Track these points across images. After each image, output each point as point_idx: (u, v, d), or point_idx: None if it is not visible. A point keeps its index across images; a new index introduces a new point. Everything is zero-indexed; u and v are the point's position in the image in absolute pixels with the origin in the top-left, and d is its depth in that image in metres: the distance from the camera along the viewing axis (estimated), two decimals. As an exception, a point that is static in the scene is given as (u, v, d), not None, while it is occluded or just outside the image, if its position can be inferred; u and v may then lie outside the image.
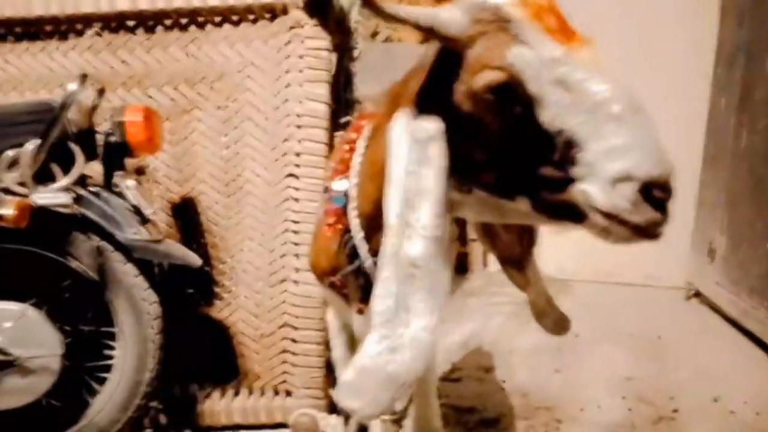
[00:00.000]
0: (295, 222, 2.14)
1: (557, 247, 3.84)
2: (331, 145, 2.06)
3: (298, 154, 2.12)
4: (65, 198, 1.74)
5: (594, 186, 0.74)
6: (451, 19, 0.82)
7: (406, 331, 0.87)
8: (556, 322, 1.31)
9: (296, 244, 2.15)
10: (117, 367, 1.92)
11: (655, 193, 0.73)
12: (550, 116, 0.77)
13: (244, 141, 2.16)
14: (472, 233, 4.09)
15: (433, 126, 0.87)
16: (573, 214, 0.80)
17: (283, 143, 2.13)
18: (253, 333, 2.22)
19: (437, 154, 0.86)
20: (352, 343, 1.48)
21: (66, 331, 1.88)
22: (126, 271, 1.89)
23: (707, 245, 3.09)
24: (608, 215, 0.75)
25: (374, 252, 1.11)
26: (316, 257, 1.30)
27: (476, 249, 4.13)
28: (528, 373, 2.58)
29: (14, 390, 1.80)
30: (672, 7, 3.21)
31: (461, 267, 4.10)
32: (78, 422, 1.91)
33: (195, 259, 1.96)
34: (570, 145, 0.76)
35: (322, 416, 2.10)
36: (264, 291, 2.20)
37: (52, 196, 1.73)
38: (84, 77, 1.76)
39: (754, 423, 2.15)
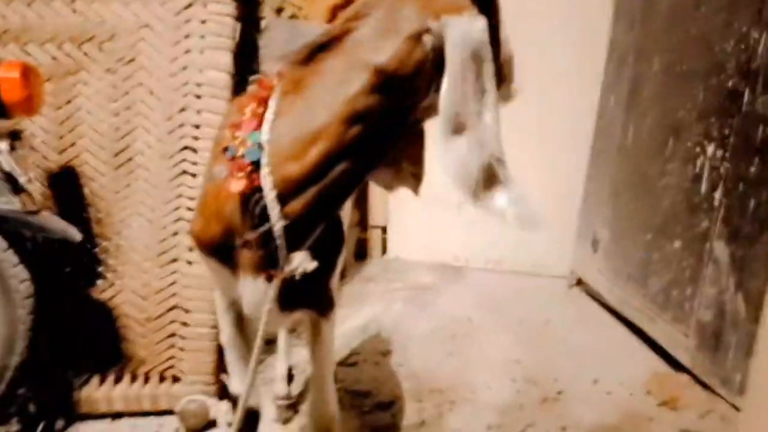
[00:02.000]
0: (191, 198, 2.02)
1: (451, 236, 3.97)
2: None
3: (196, 126, 2.00)
4: None
5: None
6: None
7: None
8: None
9: (191, 221, 2.03)
10: (-21, 350, 1.73)
11: None
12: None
13: (135, 109, 2.01)
14: (371, 219, 4.10)
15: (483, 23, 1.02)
16: None
17: (180, 113, 2.01)
18: (139, 316, 2.08)
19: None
20: (240, 323, 1.40)
21: None
22: (-6, 245, 1.70)
23: (591, 236, 3.27)
24: None
25: (286, 215, 1.07)
26: (206, 223, 1.21)
27: (375, 235, 4.14)
28: (422, 357, 2.62)
29: None
30: (566, 9, 3.37)
31: (360, 253, 4.11)
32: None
33: (74, 234, 1.81)
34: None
35: (212, 402, 2.01)
36: (152, 271, 2.06)
37: None
38: (-52, 23, 1.56)
39: (628, 402, 2.31)
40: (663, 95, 2.69)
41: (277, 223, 1.08)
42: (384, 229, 4.17)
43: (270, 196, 1.07)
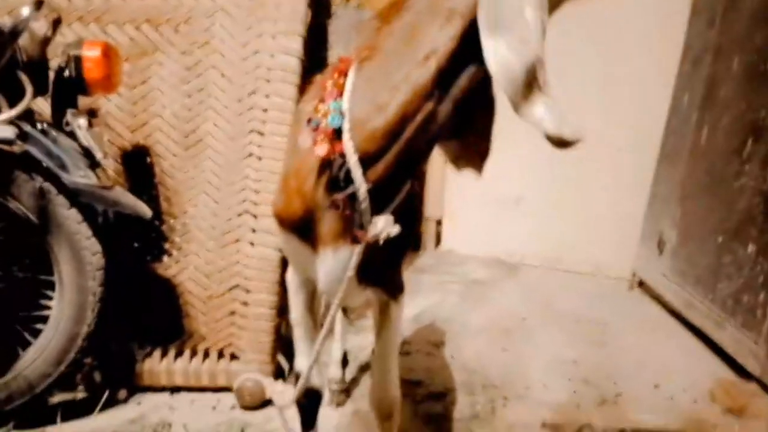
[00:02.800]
0: (256, 180, 2.06)
1: (507, 231, 3.92)
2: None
3: (264, 110, 2.03)
4: (9, 132, 1.60)
5: None
6: None
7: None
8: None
9: (255, 203, 2.07)
10: (53, 318, 1.81)
11: None
12: None
13: (207, 90, 2.05)
14: (427, 211, 4.09)
15: None
16: None
17: (249, 97, 2.04)
18: (202, 293, 2.13)
19: None
20: (311, 303, 1.42)
21: (-1, 276, 1.76)
22: (69, 217, 1.77)
23: (657, 237, 3.17)
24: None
25: (369, 179, 1.08)
26: (288, 199, 1.22)
27: (430, 227, 4.13)
28: (475, 351, 2.59)
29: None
30: (642, 6, 3.25)
31: (415, 244, 4.10)
32: (5, 375, 1.79)
33: (145, 210, 1.85)
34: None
35: (268, 382, 2.04)
36: (216, 250, 2.10)
37: (-6, 128, 1.59)
38: (39, 3, 1.62)
39: (691, 409, 2.22)
40: (742, 95, 2.56)
41: (360, 186, 1.08)
42: (439, 222, 4.15)
43: (353, 159, 1.08)
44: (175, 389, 2.12)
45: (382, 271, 1.26)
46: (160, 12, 2.00)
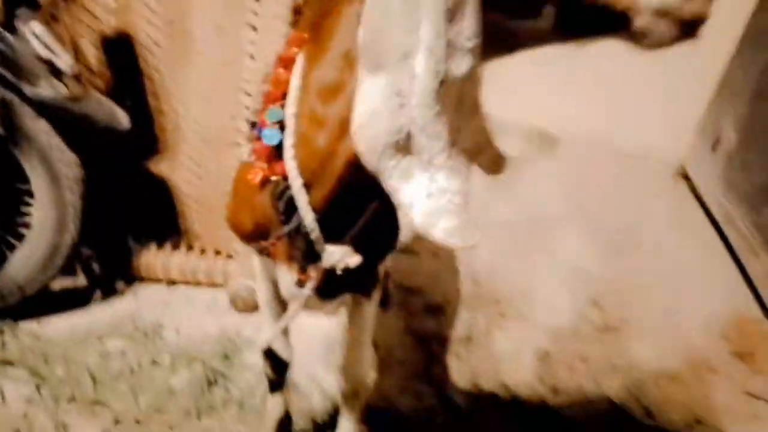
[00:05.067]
0: (250, 82, 1.83)
1: (551, 99, 3.55)
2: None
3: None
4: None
5: None
6: None
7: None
8: (493, 160, 1.11)
9: (248, 108, 1.86)
10: (34, 228, 1.77)
11: None
12: None
13: (189, -28, 1.75)
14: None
15: None
16: (604, 22, 0.73)
17: (241, -17, 1.73)
18: (196, 194, 2.04)
19: None
20: (277, 290, 1.30)
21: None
22: (37, 128, 1.64)
23: (714, 134, 2.82)
24: (658, 12, 0.70)
25: (314, 207, 0.91)
26: (236, 214, 1.08)
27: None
28: (487, 255, 2.48)
29: None
30: None
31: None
32: (-4, 275, 1.81)
33: (122, 121, 1.71)
34: None
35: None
36: (209, 154, 1.97)
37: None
38: None
39: (696, 345, 2.13)
40: None
41: (307, 215, 0.91)
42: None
43: (296, 185, 0.90)
44: (172, 283, 2.14)
45: (352, 282, 1.12)
46: None
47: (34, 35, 1.52)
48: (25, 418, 1.61)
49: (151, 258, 2.09)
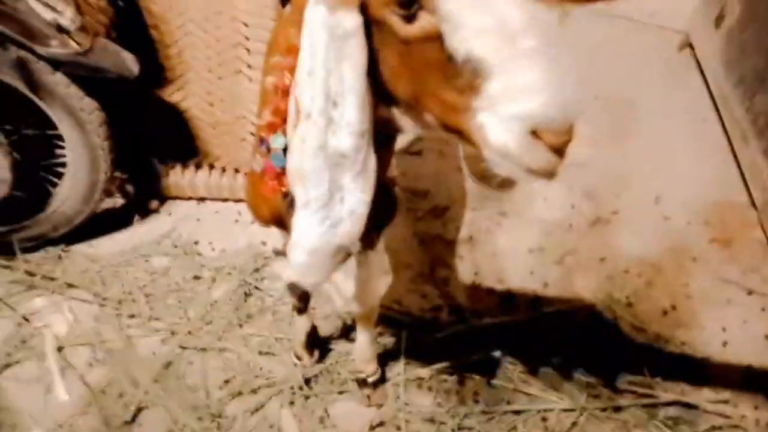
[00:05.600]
0: (246, 12, 1.88)
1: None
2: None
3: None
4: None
5: (491, 121, 0.73)
6: None
7: (343, 207, 0.91)
8: (502, 183, 1.29)
9: (247, 38, 1.93)
10: (70, 168, 1.96)
11: (550, 138, 0.72)
12: (461, 39, 0.72)
13: None
14: None
15: (351, 21, 0.78)
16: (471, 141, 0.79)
17: None
18: (209, 119, 2.16)
19: (357, 51, 0.80)
20: None
21: (11, 138, 1.85)
22: (56, 81, 1.76)
23: (719, 6, 2.76)
24: (500, 152, 0.74)
25: None
26: (255, 207, 1.25)
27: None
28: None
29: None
30: None
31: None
32: (45, 210, 2.02)
33: (131, 68, 1.79)
34: (476, 73, 0.72)
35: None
36: (216, 81, 2.06)
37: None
38: None
39: (680, 233, 2.31)
40: None
41: None
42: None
43: None
44: (200, 200, 2.34)
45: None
46: None
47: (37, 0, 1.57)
48: (95, 334, 1.92)
49: (178, 178, 2.28)
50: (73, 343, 1.89)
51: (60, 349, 1.87)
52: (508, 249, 2.25)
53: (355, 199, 0.90)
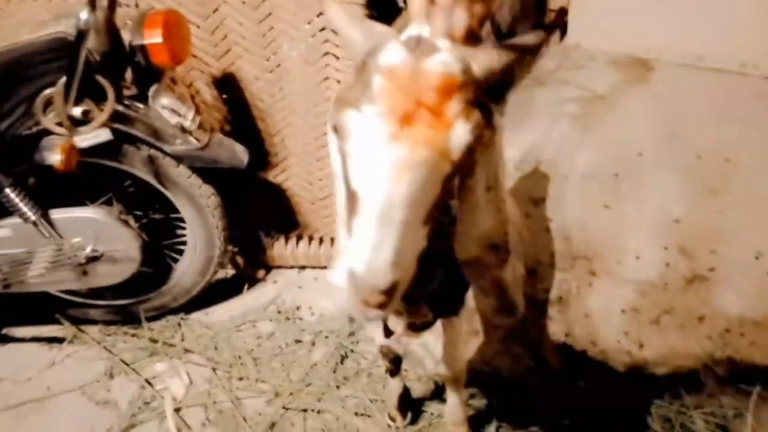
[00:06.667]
0: (337, 101, 2.09)
1: (645, 23, 3.44)
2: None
3: (335, 32, 1.94)
4: (106, 135, 1.79)
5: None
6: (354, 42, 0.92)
7: None
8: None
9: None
10: (189, 246, 2.21)
11: (368, 298, 0.82)
12: (353, 173, 0.85)
13: (277, 15, 1.98)
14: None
15: None
16: None
17: (319, 17, 1.95)
18: (308, 196, 2.38)
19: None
20: None
21: (141, 222, 2.14)
22: (180, 174, 2.02)
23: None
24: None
25: None
26: None
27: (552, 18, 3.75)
28: (577, 207, 2.64)
29: (107, 274, 2.11)
30: None
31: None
32: (168, 283, 2.29)
33: (242, 159, 2.02)
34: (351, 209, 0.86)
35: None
36: (313, 162, 2.27)
37: (93, 136, 1.78)
38: (92, 2, 1.61)
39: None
40: None
41: None
42: (564, 11, 3.73)
43: None
44: (302, 268, 2.54)
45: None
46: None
47: (163, 108, 1.85)
48: (209, 396, 2.11)
49: (282, 249, 2.49)
50: (189, 404, 2.08)
51: (178, 410, 2.07)
52: (600, 309, 2.25)
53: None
